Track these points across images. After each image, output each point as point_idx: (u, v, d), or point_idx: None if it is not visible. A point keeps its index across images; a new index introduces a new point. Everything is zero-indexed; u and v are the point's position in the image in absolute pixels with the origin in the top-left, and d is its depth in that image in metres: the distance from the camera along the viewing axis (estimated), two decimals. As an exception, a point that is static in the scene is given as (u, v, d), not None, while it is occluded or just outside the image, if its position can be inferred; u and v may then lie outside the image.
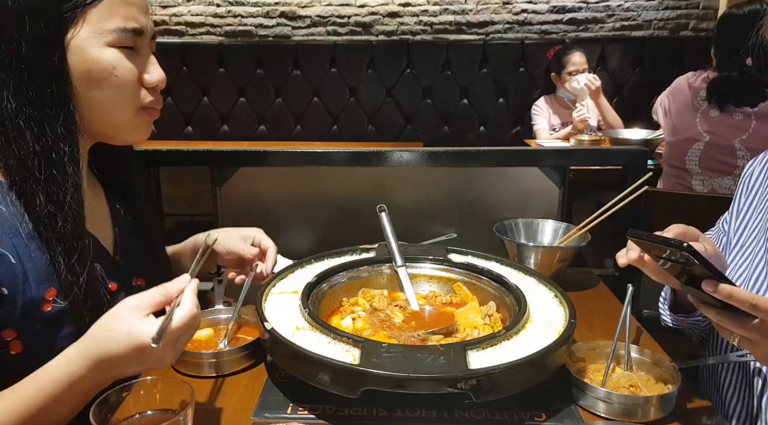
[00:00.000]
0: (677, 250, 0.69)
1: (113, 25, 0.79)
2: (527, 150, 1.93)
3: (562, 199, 1.45)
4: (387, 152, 1.38)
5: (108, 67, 0.80)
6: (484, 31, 3.99)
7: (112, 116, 0.84)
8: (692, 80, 2.18)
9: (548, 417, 0.79)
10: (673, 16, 3.93)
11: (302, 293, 0.95)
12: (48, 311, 0.79)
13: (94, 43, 0.79)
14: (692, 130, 2.12)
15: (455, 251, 1.14)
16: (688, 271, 0.73)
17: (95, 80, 0.80)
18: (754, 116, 2.02)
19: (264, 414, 0.80)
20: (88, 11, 0.78)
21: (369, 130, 4.00)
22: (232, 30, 4.01)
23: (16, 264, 0.76)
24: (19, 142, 0.76)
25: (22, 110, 0.76)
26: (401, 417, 0.79)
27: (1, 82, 0.75)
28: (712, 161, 2.09)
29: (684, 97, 2.18)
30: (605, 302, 1.17)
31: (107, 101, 0.82)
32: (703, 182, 2.13)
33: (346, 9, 3.96)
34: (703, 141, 2.09)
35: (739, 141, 2.03)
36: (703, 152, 2.10)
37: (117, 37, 0.80)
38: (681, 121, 2.17)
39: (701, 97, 2.11)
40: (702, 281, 0.69)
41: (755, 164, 1.08)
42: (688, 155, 2.14)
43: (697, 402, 0.83)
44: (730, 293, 0.67)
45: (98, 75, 0.80)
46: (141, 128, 0.89)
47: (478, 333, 0.91)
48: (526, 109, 3.91)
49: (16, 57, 0.75)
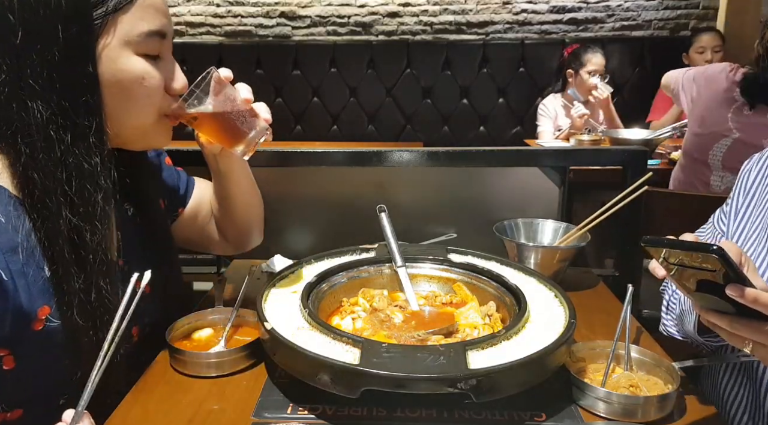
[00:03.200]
0: (706, 254, 0.65)
1: (142, 29, 0.79)
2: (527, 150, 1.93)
3: (562, 199, 1.45)
4: (387, 152, 1.38)
5: (138, 77, 0.80)
6: (484, 31, 3.99)
7: (137, 123, 0.84)
8: (731, 73, 2.07)
9: (548, 417, 0.79)
10: (673, 16, 3.94)
11: (302, 293, 0.95)
12: (39, 330, 0.77)
13: (123, 52, 0.78)
14: (722, 125, 2.03)
15: (455, 251, 1.14)
16: (703, 278, 0.69)
17: (124, 89, 0.80)
18: None
19: (264, 414, 0.80)
20: (118, 17, 0.77)
21: (369, 130, 4.01)
22: (232, 30, 4.02)
23: (7, 281, 0.73)
24: (47, 153, 0.74)
25: (52, 120, 0.74)
26: (401, 417, 0.79)
27: (32, 93, 0.73)
28: (736, 158, 1.99)
29: (718, 89, 2.07)
30: (605, 302, 1.17)
31: (133, 109, 0.82)
32: (722, 178, 2.06)
33: (346, 9, 3.96)
34: (732, 137, 2.02)
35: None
36: (729, 148, 2.03)
37: (145, 42, 0.80)
38: (711, 113, 2.07)
39: (737, 93, 2.01)
40: (719, 289, 0.66)
41: (752, 164, 1.08)
42: (712, 150, 2.06)
43: (697, 402, 0.83)
44: (756, 297, 0.64)
45: (128, 84, 0.80)
46: (163, 133, 0.89)
47: (478, 333, 0.91)
48: (526, 109, 3.91)
49: (48, 66, 0.73)
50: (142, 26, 0.79)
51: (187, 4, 3.97)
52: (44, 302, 0.77)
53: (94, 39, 0.76)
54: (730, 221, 1.08)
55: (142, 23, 0.79)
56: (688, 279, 0.73)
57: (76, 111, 0.75)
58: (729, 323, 0.69)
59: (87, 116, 0.76)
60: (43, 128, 0.73)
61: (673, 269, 0.73)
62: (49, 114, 0.74)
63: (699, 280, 0.71)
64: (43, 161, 0.74)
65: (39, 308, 0.76)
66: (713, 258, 0.64)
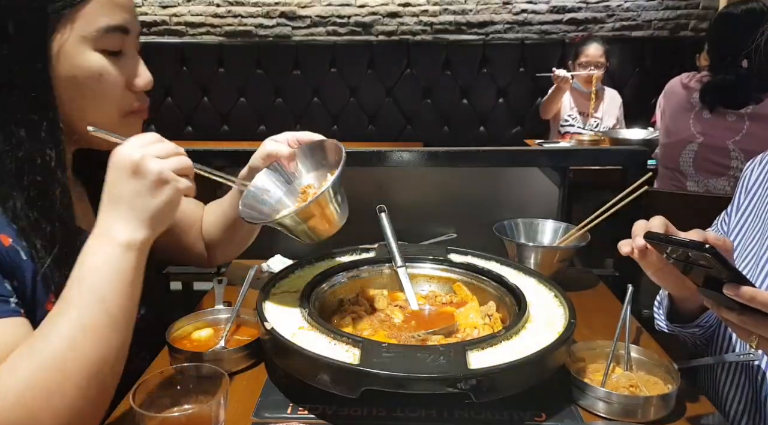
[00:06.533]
0: (699, 252, 0.67)
1: (100, 24, 0.77)
2: (527, 150, 1.93)
3: (562, 199, 1.45)
4: (387, 152, 1.38)
5: (95, 74, 0.79)
6: (484, 31, 3.99)
7: (97, 121, 0.81)
8: (686, 81, 2.17)
9: (548, 417, 0.79)
10: (673, 16, 3.94)
11: (302, 293, 0.95)
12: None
13: (81, 48, 0.77)
14: (686, 131, 2.11)
15: (455, 251, 1.14)
16: (707, 274, 0.71)
17: (81, 86, 0.79)
18: (747, 117, 2.01)
19: (264, 414, 0.80)
20: (76, 13, 0.76)
21: (369, 130, 4.01)
22: (232, 30, 4.02)
23: (26, 260, 0.75)
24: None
25: (2, 115, 0.74)
26: (401, 417, 0.79)
27: None
28: (706, 162, 2.08)
29: (678, 99, 2.17)
30: (605, 302, 1.17)
31: (91, 107, 0.81)
32: (698, 183, 2.12)
33: (346, 9, 3.96)
34: (697, 142, 2.08)
35: (732, 142, 2.03)
36: (696, 153, 2.09)
37: (104, 38, 0.78)
38: (675, 122, 2.16)
39: (695, 99, 2.10)
40: (723, 285, 0.68)
41: (754, 165, 1.08)
42: (681, 157, 2.13)
43: (697, 402, 0.83)
44: (753, 296, 0.66)
45: (84, 81, 0.79)
46: (128, 132, 0.85)
47: (478, 333, 0.91)
48: (526, 109, 3.92)
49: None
50: (100, 21, 0.77)
51: (187, 4, 3.97)
52: (50, 290, 0.78)
53: (49, 34, 0.75)
54: (731, 220, 1.08)
55: (101, 18, 0.77)
56: (695, 276, 0.75)
57: (25, 106, 0.75)
58: (736, 316, 0.70)
59: (38, 111, 0.76)
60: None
61: (686, 268, 0.75)
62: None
63: (705, 276, 0.72)
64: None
65: (50, 293, 0.78)
66: (706, 256, 0.66)
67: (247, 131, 3.90)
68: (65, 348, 0.67)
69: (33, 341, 0.69)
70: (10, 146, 0.75)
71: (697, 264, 0.72)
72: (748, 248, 1.01)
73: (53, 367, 0.66)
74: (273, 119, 3.89)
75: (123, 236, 0.72)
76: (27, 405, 0.65)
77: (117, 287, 0.72)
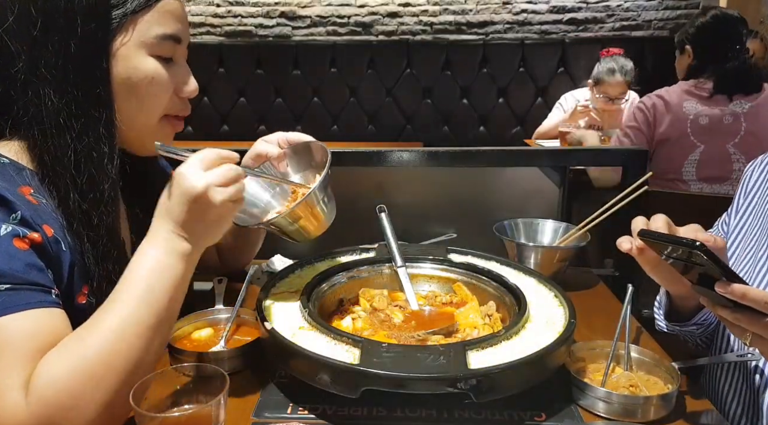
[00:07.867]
0: (690, 249, 0.68)
1: (157, 31, 0.83)
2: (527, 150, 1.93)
3: (562, 199, 1.45)
4: (387, 152, 1.38)
5: (148, 76, 0.84)
6: (484, 31, 3.99)
7: (143, 121, 0.87)
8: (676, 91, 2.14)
9: (548, 417, 0.79)
10: (673, 16, 3.94)
11: (302, 294, 0.95)
12: (82, 303, 0.81)
13: (137, 52, 0.82)
14: (685, 141, 2.10)
15: (455, 251, 1.14)
16: (702, 271, 0.72)
17: (134, 87, 0.83)
18: (743, 117, 2.02)
19: (264, 414, 0.80)
20: (137, 19, 0.81)
21: (369, 130, 4.01)
22: (232, 30, 4.02)
23: (65, 252, 0.78)
24: (56, 139, 0.79)
25: (64, 108, 0.79)
26: (401, 417, 0.79)
27: (45, 81, 0.78)
28: (709, 169, 2.08)
29: (671, 110, 2.13)
30: (605, 302, 1.17)
31: (141, 107, 0.85)
32: (702, 190, 2.11)
33: (346, 9, 3.96)
34: (699, 151, 2.08)
35: (732, 145, 2.03)
36: (699, 162, 2.08)
37: (159, 44, 0.83)
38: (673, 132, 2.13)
39: (687, 108, 2.09)
40: (715, 283, 0.69)
41: (755, 166, 1.08)
42: (684, 167, 2.12)
43: (697, 402, 0.83)
44: (744, 293, 0.67)
45: (137, 82, 0.83)
46: (164, 137, 0.90)
47: (478, 333, 0.91)
48: (526, 109, 3.92)
49: (63, 57, 0.78)
50: (157, 29, 0.83)
51: (187, 4, 3.97)
52: (85, 281, 0.82)
53: (111, 36, 0.81)
54: (731, 221, 1.08)
55: (158, 27, 0.83)
56: (692, 274, 0.75)
57: (87, 102, 0.80)
58: (730, 313, 0.71)
59: (98, 108, 0.81)
60: (55, 115, 0.78)
61: (685, 268, 0.76)
62: (62, 103, 0.78)
63: (699, 274, 0.73)
64: (53, 146, 0.79)
65: (84, 285, 0.82)
66: (697, 253, 0.67)
67: (247, 130, 3.90)
68: (114, 340, 0.71)
69: (82, 331, 0.72)
70: (72, 139, 0.79)
71: (690, 262, 0.72)
72: (747, 249, 1.01)
73: (100, 360, 0.70)
74: (273, 119, 3.89)
75: (179, 248, 0.78)
76: (74, 391, 0.68)
77: (167, 292, 0.76)
